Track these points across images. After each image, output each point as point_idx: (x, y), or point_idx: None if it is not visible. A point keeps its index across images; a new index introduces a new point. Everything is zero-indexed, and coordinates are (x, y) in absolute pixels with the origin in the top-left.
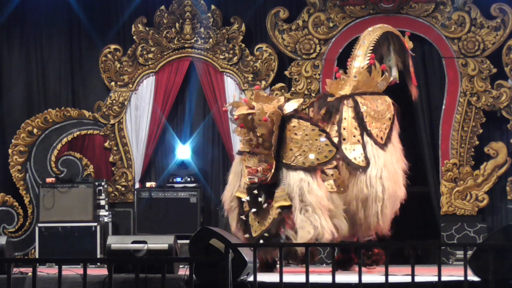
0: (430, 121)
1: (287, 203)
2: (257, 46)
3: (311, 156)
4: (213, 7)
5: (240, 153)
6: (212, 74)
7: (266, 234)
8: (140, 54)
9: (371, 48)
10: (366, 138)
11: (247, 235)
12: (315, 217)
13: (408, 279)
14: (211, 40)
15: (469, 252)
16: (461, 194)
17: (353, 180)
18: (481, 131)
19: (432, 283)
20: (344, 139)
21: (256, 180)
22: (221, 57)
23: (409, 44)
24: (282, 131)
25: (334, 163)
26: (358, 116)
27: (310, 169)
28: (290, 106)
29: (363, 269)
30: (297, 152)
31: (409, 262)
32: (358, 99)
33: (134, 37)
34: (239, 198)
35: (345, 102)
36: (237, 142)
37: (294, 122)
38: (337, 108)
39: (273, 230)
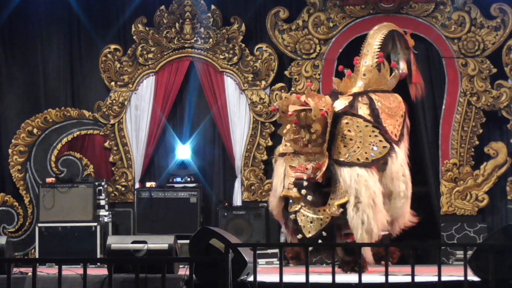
0: (430, 121)
1: (346, 200)
2: (257, 46)
3: (375, 148)
4: (213, 7)
5: (282, 155)
6: (212, 74)
7: (324, 234)
8: (140, 54)
9: (379, 46)
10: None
11: (300, 236)
12: (366, 218)
13: (408, 279)
14: (211, 40)
15: (469, 252)
16: (461, 194)
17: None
18: (481, 131)
19: (432, 283)
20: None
21: (304, 177)
22: (221, 57)
23: (411, 42)
24: (334, 129)
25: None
26: (374, 113)
27: (366, 165)
28: (340, 104)
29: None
30: (351, 148)
31: (409, 262)
32: (372, 95)
33: (134, 37)
34: (285, 198)
35: (359, 99)
36: (237, 142)
37: (347, 118)
38: (352, 105)
39: (329, 230)
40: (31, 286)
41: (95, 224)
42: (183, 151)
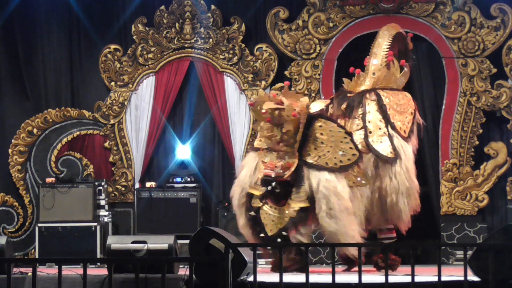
0: (430, 121)
1: (306, 205)
2: (257, 46)
3: (340, 153)
4: (213, 7)
5: (256, 149)
6: (212, 74)
7: (284, 233)
8: (140, 54)
9: (388, 45)
10: (391, 130)
11: (262, 235)
12: (341, 223)
13: (408, 279)
14: (211, 40)
15: (469, 252)
16: (461, 194)
17: (382, 176)
18: (481, 131)
19: (432, 283)
20: (370, 132)
21: (272, 174)
22: (221, 57)
23: (411, 45)
24: (307, 130)
25: (355, 168)
26: (382, 109)
27: (334, 170)
28: (317, 106)
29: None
30: (321, 152)
31: (409, 262)
32: (380, 92)
33: (134, 37)
34: (250, 194)
35: (367, 95)
36: (237, 142)
37: (321, 122)
38: (359, 102)
39: (288, 230)
40: (31, 286)
41: (95, 224)
42: (183, 151)
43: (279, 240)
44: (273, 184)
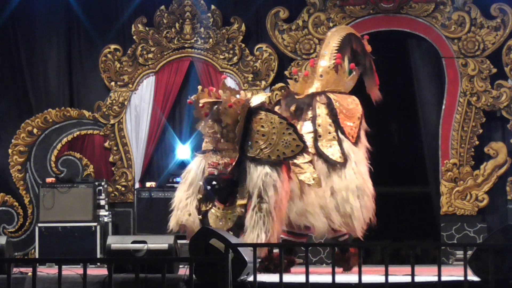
0: (430, 121)
1: (245, 202)
2: (257, 46)
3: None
4: (213, 7)
5: (203, 152)
6: (212, 74)
7: (231, 233)
8: (140, 54)
9: (337, 47)
10: (340, 135)
11: None
12: (268, 220)
13: (408, 279)
14: (211, 40)
15: (469, 252)
16: (461, 194)
17: (331, 177)
18: (481, 131)
19: (432, 283)
20: (319, 136)
21: (215, 172)
22: (221, 57)
23: (368, 47)
24: (248, 124)
25: (301, 158)
26: (332, 113)
27: (276, 163)
28: (257, 99)
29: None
30: (263, 145)
31: (409, 262)
32: (331, 95)
33: (134, 37)
34: (199, 199)
35: (317, 98)
36: None
37: (262, 114)
38: (309, 104)
39: (235, 230)
40: (31, 286)
41: (95, 224)
42: (183, 151)
43: None
44: (213, 182)
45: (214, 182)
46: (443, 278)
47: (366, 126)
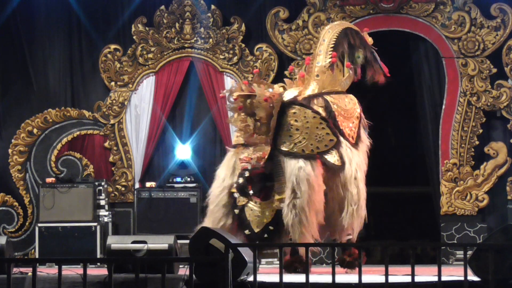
0: (430, 121)
1: (283, 196)
2: (257, 46)
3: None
4: (213, 7)
5: (234, 146)
6: (212, 74)
7: (271, 227)
8: (140, 54)
9: (332, 46)
10: (340, 137)
11: (247, 231)
12: (303, 217)
13: (408, 279)
14: (211, 40)
15: (469, 252)
16: (461, 194)
17: (329, 180)
18: (481, 131)
19: (432, 283)
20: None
21: (249, 167)
22: (221, 57)
23: (369, 39)
24: (281, 118)
25: (334, 153)
26: (331, 116)
27: (310, 157)
28: (290, 94)
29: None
30: (297, 139)
31: (409, 262)
32: (328, 98)
33: (134, 37)
34: (232, 193)
35: (314, 101)
36: None
37: (295, 108)
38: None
39: (275, 224)
40: (31, 286)
41: (95, 224)
42: (183, 151)
43: (266, 236)
44: (246, 174)
45: (245, 174)
46: (443, 278)
47: (366, 122)
